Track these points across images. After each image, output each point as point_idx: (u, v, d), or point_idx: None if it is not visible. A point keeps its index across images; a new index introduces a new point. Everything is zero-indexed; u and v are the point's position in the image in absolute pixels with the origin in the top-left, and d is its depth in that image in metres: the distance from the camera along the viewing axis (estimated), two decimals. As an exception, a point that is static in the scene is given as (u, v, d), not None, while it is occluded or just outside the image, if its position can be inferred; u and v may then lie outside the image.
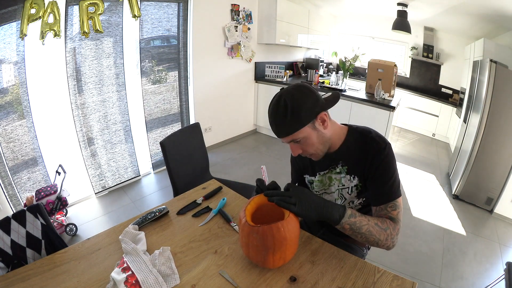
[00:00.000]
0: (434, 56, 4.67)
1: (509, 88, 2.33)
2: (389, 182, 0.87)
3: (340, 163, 0.97)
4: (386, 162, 0.87)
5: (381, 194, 0.88)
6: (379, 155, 0.88)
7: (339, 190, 1.00)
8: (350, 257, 0.90)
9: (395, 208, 0.87)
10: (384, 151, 0.88)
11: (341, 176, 0.98)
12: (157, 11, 2.63)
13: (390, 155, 0.88)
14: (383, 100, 3.09)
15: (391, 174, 0.88)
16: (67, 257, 0.89)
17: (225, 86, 3.62)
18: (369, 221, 0.82)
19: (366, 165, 0.90)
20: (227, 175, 2.95)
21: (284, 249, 0.78)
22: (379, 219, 0.85)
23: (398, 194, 0.88)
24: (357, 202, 1.00)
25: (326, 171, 1.02)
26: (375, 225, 0.83)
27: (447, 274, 1.83)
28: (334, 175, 1.00)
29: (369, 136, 0.92)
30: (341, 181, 0.99)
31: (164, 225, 1.05)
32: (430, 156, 4.00)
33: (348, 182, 0.97)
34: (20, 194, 2.09)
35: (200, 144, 1.87)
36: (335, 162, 0.98)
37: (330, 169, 1.00)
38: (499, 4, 2.82)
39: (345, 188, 0.98)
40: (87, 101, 2.34)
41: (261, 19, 3.77)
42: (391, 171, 0.88)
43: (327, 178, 1.02)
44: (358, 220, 0.81)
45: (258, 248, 0.78)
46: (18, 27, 1.85)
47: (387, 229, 0.84)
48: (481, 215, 2.57)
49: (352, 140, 0.95)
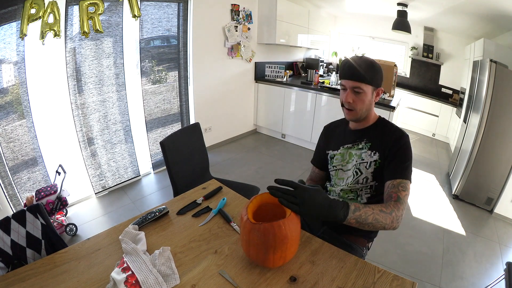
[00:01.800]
0: (434, 56, 4.67)
1: (509, 88, 2.33)
2: (406, 163, 0.97)
3: (365, 140, 1.08)
4: (405, 147, 0.99)
5: (397, 170, 0.96)
6: (401, 139, 1.00)
7: (356, 165, 1.08)
8: (350, 257, 0.90)
9: (405, 189, 0.92)
10: (405, 137, 1.01)
11: (362, 151, 1.07)
12: (157, 11, 2.63)
13: (409, 143, 1.01)
14: (383, 100, 3.09)
15: (408, 157, 0.98)
16: (67, 257, 0.88)
17: (225, 86, 3.62)
18: (374, 210, 0.84)
19: (388, 145, 1.01)
20: (227, 175, 2.95)
21: (284, 248, 0.78)
22: (383, 205, 0.88)
23: (410, 178, 0.96)
24: (370, 183, 1.06)
25: (350, 145, 1.12)
26: (380, 211, 0.85)
27: (447, 274, 1.83)
28: (355, 151, 1.10)
29: (394, 125, 1.08)
30: (361, 156, 1.07)
31: (164, 225, 1.05)
32: (430, 156, 4.00)
33: (368, 157, 1.05)
34: (20, 194, 2.09)
35: (200, 144, 1.87)
36: (361, 138, 1.10)
37: (353, 144, 1.11)
38: (499, 4, 2.82)
39: (363, 163, 1.06)
40: (87, 101, 2.34)
41: (261, 19, 3.77)
42: (408, 155, 0.99)
43: (348, 154, 1.12)
44: (363, 212, 0.83)
45: (259, 246, 0.78)
46: (18, 27, 1.85)
47: (392, 212, 0.86)
48: (481, 215, 2.57)
49: (381, 124, 1.10)
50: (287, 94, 3.84)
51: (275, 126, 4.14)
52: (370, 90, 1.02)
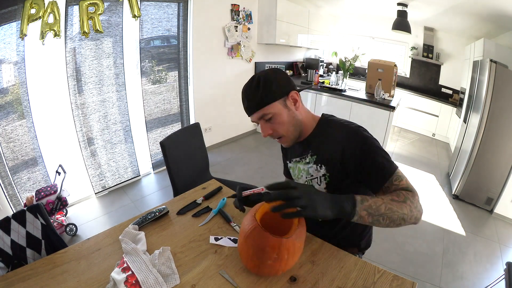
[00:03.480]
0: (434, 56, 4.67)
1: (509, 88, 2.33)
2: (379, 158, 0.79)
3: (310, 153, 0.95)
4: (367, 145, 0.81)
5: (378, 174, 0.79)
6: (358, 142, 0.82)
7: (307, 182, 0.97)
8: (350, 257, 0.90)
9: (400, 178, 0.77)
10: (361, 137, 0.83)
11: (308, 166, 0.95)
12: (157, 11, 2.63)
13: (368, 137, 0.83)
14: (383, 100, 3.09)
15: (376, 149, 0.80)
16: (67, 257, 0.88)
17: (225, 86, 3.62)
18: (383, 199, 0.72)
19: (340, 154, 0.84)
20: (227, 175, 2.95)
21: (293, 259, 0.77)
22: (392, 194, 0.75)
23: (395, 166, 0.80)
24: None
25: (298, 159, 1.01)
26: (392, 200, 0.72)
27: (447, 274, 1.83)
28: (302, 166, 0.98)
29: (343, 124, 0.89)
30: (308, 172, 0.95)
31: (164, 225, 1.05)
32: (430, 156, 4.00)
33: (315, 172, 0.93)
34: (20, 194, 2.09)
35: (200, 144, 1.87)
36: (306, 150, 0.96)
37: (301, 158, 0.99)
38: (499, 4, 2.82)
39: (314, 178, 0.94)
40: (87, 101, 2.34)
41: (261, 19, 3.77)
42: (376, 150, 0.80)
43: (297, 169, 1.01)
44: (372, 202, 0.71)
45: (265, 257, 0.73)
46: (18, 27, 1.85)
47: (406, 200, 0.72)
48: (481, 215, 2.57)
49: (322, 128, 0.93)
50: (287, 94, 3.84)
51: (275, 126, 4.13)
52: (278, 106, 0.85)
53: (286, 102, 0.87)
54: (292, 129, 0.90)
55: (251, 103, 0.86)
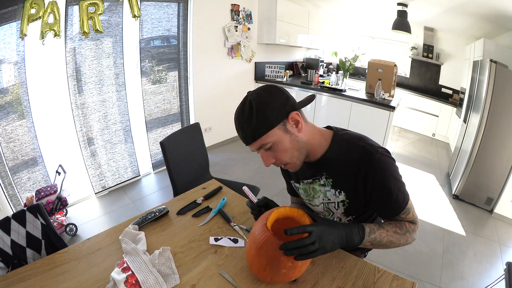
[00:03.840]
0: (434, 56, 4.67)
1: (509, 88, 2.33)
2: (393, 194, 0.77)
3: (324, 175, 0.86)
4: (382, 173, 0.76)
5: (389, 209, 0.81)
6: (372, 168, 0.76)
7: (324, 204, 0.92)
8: (350, 257, 0.89)
9: (408, 211, 0.81)
10: (377, 161, 0.75)
11: (325, 189, 0.88)
12: (157, 11, 2.62)
13: (385, 162, 0.76)
14: (383, 100, 3.09)
15: (393, 184, 0.77)
16: (67, 257, 0.88)
17: (225, 86, 3.62)
18: (388, 232, 0.78)
19: (358, 181, 0.79)
20: (227, 175, 2.95)
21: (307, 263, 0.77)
22: (396, 225, 0.81)
23: (406, 200, 0.79)
24: (346, 220, 0.94)
25: (310, 180, 0.91)
26: (394, 233, 0.79)
27: (447, 274, 1.83)
28: (318, 187, 0.90)
29: (358, 145, 0.79)
30: (326, 195, 0.89)
31: (164, 225, 1.05)
32: (430, 156, 4.00)
33: (333, 196, 0.87)
34: (20, 194, 2.09)
35: (200, 144, 1.87)
36: (319, 172, 0.87)
37: (314, 180, 0.90)
38: (499, 4, 2.82)
39: (331, 203, 0.90)
40: (87, 101, 2.34)
41: (261, 19, 3.77)
42: (391, 181, 0.76)
43: (311, 189, 0.93)
44: (377, 234, 0.77)
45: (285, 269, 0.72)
46: (18, 27, 1.85)
47: (406, 233, 0.80)
48: (481, 215, 2.57)
49: (337, 149, 0.82)
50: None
51: (275, 126, 4.13)
52: (277, 133, 0.75)
53: (287, 126, 0.76)
54: (297, 154, 0.80)
55: (246, 133, 0.75)
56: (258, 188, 1.83)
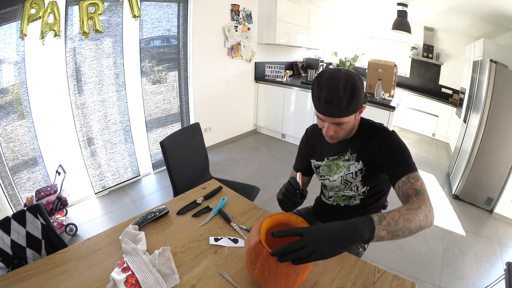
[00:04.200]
0: (434, 56, 4.67)
1: (509, 88, 2.33)
2: (404, 155, 0.89)
3: (349, 151, 1.02)
4: (395, 141, 0.92)
5: (400, 166, 0.88)
6: (387, 137, 0.94)
7: (343, 176, 1.04)
8: (350, 257, 0.90)
9: (418, 179, 0.84)
10: (391, 134, 0.94)
11: (349, 163, 1.02)
12: (157, 11, 2.62)
13: (398, 137, 0.94)
14: (383, 100, 3.09)
15: (404, 149, 0.90)
16: (67, 257, 0.88)
17: (225, 86, 3.62)
18: (400, 211, 0.70)
19: (375, 149, 0.94)
20: (227, 175, 2.95)
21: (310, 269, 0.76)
22: (407, 204, 0.75)
23: (416, 168, 0.87)
24: (361, 190, 1.04)
25: (336, 157, 1.05)
26: (408, 210, 0.71)
27: (447, 274, 1.83)
28: (342, 162, 1.04)
29: (378, 126, 1.00)
30: (349, 168, 1.02)
31: (164, 225, 1.05)
32: (430, 156, 4.00)
33: (354, 167, 1.01)
34: (20, 194, 2.09)
35: (200, 144, 1.87)
36: (345, 149, 1.03)
37: (339, 156, 1.04)
38: (499, 4, 2.82)
39: (349, 173, 1.02)
40: (87, 101, 2.34)
41: (261, 19, 3.77)
42: (402, 147, 0.91)
43: (335, 165, 1.06)
44: (390, 218, 0.67)
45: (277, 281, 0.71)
46: (18, 27, 1.85)
47: (421, 206, 0.73)
48: (481, 215, 2.57)
49: (363, 130, 1.01)
50: (287, 94, 3.84)
51: (275, 126, 4.14)
52: (352, 116, 0.91)
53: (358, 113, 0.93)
54: (347, 133, 0.97)
55: (335, 108, 0.86)
56: (258, 188, 1.83)
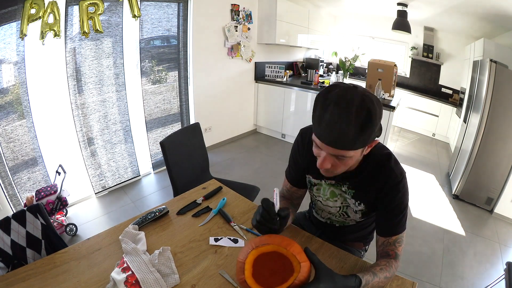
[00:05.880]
0: (434, 56, 4.67)
1: (509, 88, 2.33)
2: (400, 216, 0.83)
3: (347, 184, 0.89)
4: (401, 196, 0.82)
5: (390, 227, 0.84)
6: (395, 188, 0.81)
7: (342, 208, 0.97)
8: (350, 257, 0.90)
9: (401, 243, 0.85)
10: (401, 184, 0.81)
11: (346, 196, 0.92)
12: (157, 11, 2.62)
13: (406, 188, 0.83)
14: (383, 100, 3.09)
15: (403, 208, 0.83)
16: (67, 257, 0.88)
17: (225, 86, 3.62)
18: (379, 278, 0.76)
19: (379, 194, 0.84)
20: (227, 175, 2.95)
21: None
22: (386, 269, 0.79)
23: (405, 228, 0.85)
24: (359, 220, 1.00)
25: (334, 182, 0.93)
26: (384, 278, 0.77)
27: (447, 274, 1.83)
28: (338, 191, 0.93)
29: (387, 165, 0.83)
30: (346, 200, 0.94)
31: (164, 225, 1.05)
32: (430, 156, 4.00)
33: (353, 205, 0.92)
34: (20, 194, 2.09)
35: (200, 144, 1.87)
36: (343, 180, 0.90)
37: (337, 183, 0.92)
38: (499, 4, 2.82)
39: (349, 207, 0.95)
40: (87, 101, 2.34)
41: (261, 19, 3.77)
42: (403, 205, 0.83)
43: (330, 192, 0.96)
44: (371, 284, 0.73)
45: None
46: (18, 27, 1.85)
47: (392, 275, 0.81)
48: (481, 215, 2.57)
49: (366, 166, 0.85)
50: (287, 94, 3.84)
51: (275, 126, 4.14)
52: (359, 151, 0.72)
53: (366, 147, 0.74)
54: (346, 169, 0.78)
55: (340, 136, 0.65)
56: (258, 188, 1.83)
